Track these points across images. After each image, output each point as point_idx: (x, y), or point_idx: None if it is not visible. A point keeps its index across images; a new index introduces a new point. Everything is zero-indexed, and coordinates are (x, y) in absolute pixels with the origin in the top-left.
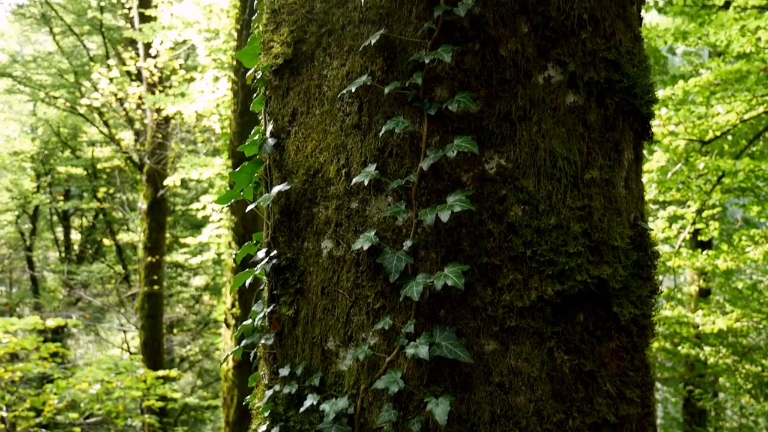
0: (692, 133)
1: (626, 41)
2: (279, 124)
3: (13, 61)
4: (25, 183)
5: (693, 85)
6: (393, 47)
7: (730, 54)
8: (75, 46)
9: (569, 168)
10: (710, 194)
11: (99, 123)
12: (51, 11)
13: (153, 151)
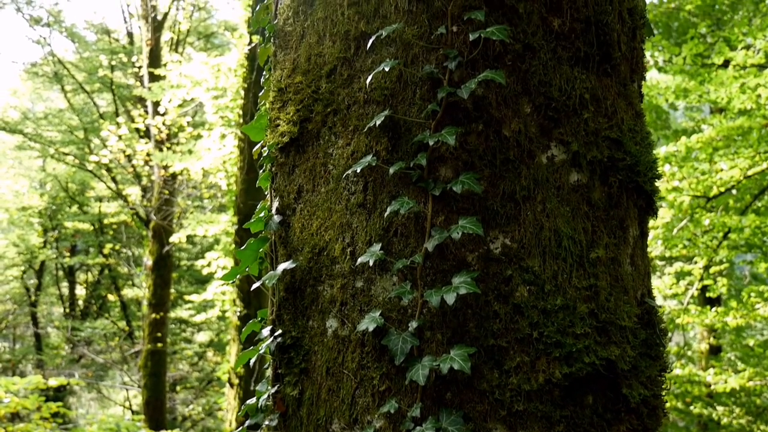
0: (696, 189)
1: (628, 119)
2: (285, 201)
3: (24, 118)
4: (32, 238)
5: (695, 141)
6: (397, 127)
7: (731, 111)
8: (85, 103)
9: (574, 247)
10: (717, 251)
11: (107, 179)
12: (63, 70)
13: (159, 207)
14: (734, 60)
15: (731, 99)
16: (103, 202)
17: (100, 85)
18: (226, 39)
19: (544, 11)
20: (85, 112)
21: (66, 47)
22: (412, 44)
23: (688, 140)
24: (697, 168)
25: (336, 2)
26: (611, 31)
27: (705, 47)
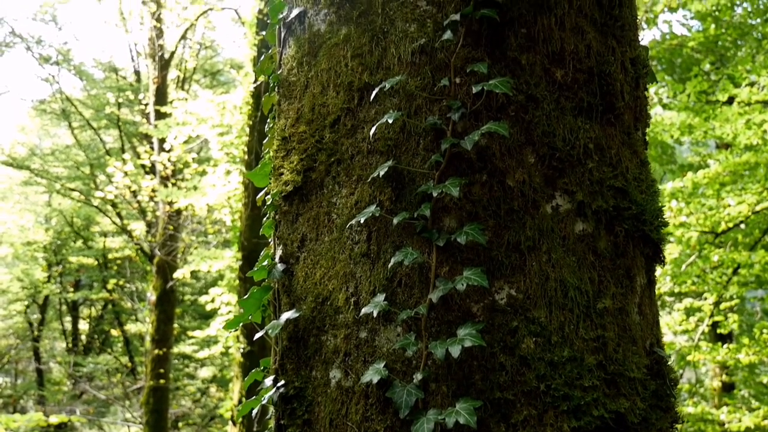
0: (704, 224)
1: (633, 168)
2: (288, 249)
3: (32, 154)
4: (36, 273)
5: (702, 176)
6: (401, 177)
7: (737, 146)
8: (92, 140)
9: (581, 298)
10: (727, 287)
11: (112, 214)
12: (71, 107)
13: (164, 242)
14: (739, 97)
15: (737, 135)
16: (107, 237)
17: (107, 122)
18: (232, 76)
19: (546, 62)
20: (91, 149)
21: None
22: (416, 95)
23: (695, 176)
24: (704, 204)
25: (339, 54)
26: (614, 81)
27: (709, 84)
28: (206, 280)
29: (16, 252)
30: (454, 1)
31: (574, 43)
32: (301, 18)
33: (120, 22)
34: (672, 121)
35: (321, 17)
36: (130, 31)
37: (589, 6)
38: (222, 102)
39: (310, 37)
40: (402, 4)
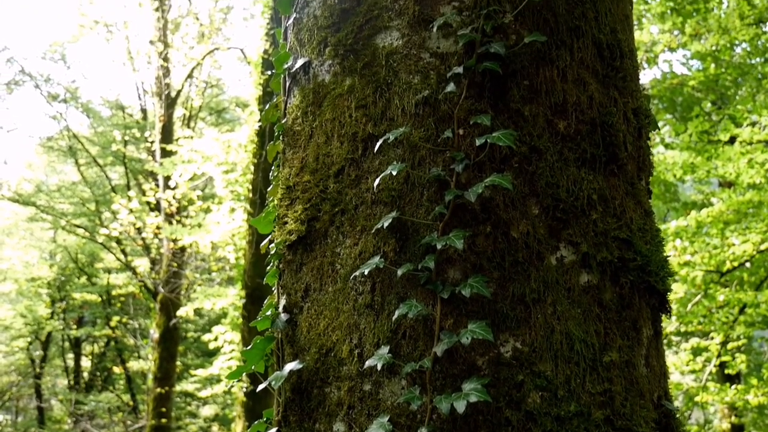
0: (709, 263)
1: (637, 218)
2: (292, 299)
3: (38, 191)
4: (39, 309)
5: (706, 215)
6: (405, 228)
7: (740, 185)
8: (98, 176)
9: (587, 351)
10: (733, 327)
11: (117, 251)
12: (78, 144)
13: (168, 279)
14: (740, 136)
15: (739, 174)
16: (111, 273)
17: (113, 159)
18: (237, 114)
19: (549, 114)
20: (97, 185)
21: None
22: (419, 146)
23: (698, 214)
24: (708, 243)
25: (344, 104)
26: (617, 132)
27: (711, 124)
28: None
29: (20, 288)
30: (457, 53)
31: (576, 94)
32: (306, 68)
33: (128, 61)
34: (674, 161)
35: (325, 68)
36: (137, 70)
37: (590, 58)
38: (227, 140)
39: (315, 87)
40: (405, 56)
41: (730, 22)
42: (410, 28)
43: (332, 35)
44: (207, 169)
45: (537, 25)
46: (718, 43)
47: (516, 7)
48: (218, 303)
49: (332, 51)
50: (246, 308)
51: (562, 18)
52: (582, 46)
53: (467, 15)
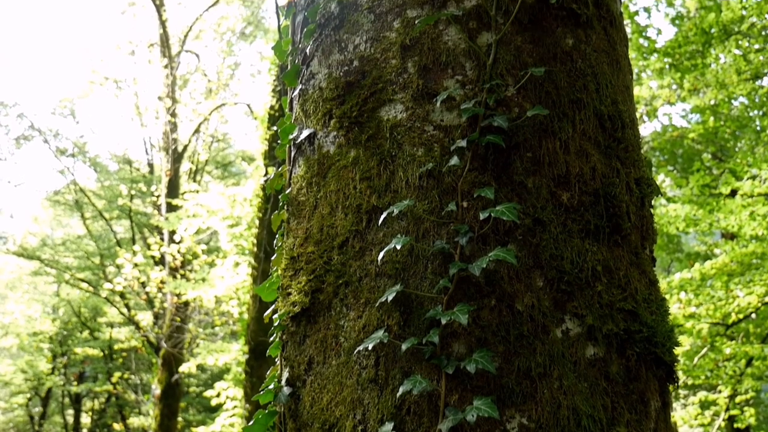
0: (714, 315)
1: (642, 288)
2: (295, 371)
3: (43, 245)
4: (40, 364)
5: (710, 267)
6: (409, 301)
7: (742, 237)
8: (104, 230)
9: (594, 426)
10: (741, 380)
11: (120, 305)
12: (84, 198)
13: (171, 334)
14: (741, 189)
15: (742, 226)
16: (114, 327)
17: (119, 213)
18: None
19: (552, 185)
20: (102, 239)
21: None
22: (423, 219)
23: (702, 266)
24: (713, 295)
25: (348, 176)
26: (620, 203)
27: (712, 178)
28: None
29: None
30: (460, 126)
31: (579, 165)
32: (311, 139)
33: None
34: (677, 213)
35: (330, 139)
36: (145, 125)
37: (592, 129)
38: (232, 195)
39: (320, 158)
40: (409, 128)
41: (728, 78)
42: (414, 102)
43: (337, 107)
44: (212, 223)
45: (539, 98)
46: (717, 97)
47: (518, 80)
48: (221, 358)
49: (337, 123)
50: (249, 364)
51: (564, 91)
52: (584, 118)
53: (470, 88)
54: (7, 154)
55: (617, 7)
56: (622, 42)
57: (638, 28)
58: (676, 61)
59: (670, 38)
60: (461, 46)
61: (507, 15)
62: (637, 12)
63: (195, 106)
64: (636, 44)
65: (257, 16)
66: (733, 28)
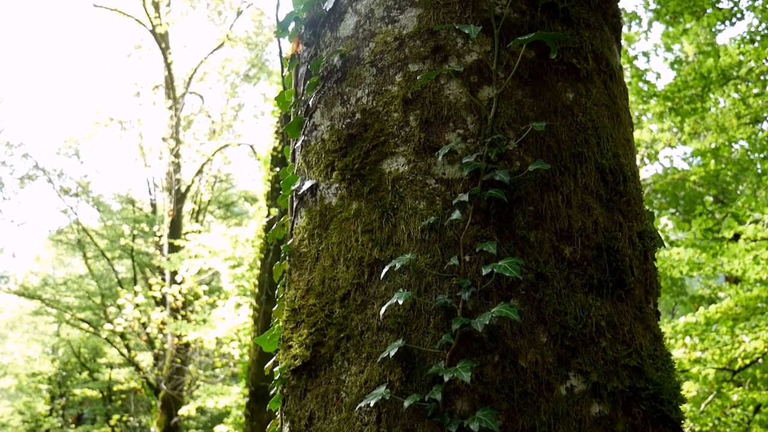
0: (720, 361)
1: (647, 344)
2: (296, 426)
3: (44, 284)
4: (38, 406)
5: (714, 311)
6: (411, 357)
7: (746, 281)
8: (105, 269)
9: None
10: (749, 427)
11: (120, 346)
12: (87, 237)
13: (171, 376)
14: (744, 233)
15: (746, 270)
16: (114, 368)
17: (121, 252)
18: (246, 208)
19: (555, 239)
20: (103, 279)
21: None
22: (426, 273)
23: (707, 310)
24: (719, 340)
25: (350, 228)
26: (623, 257)
27: (714, 222)
28: (212, 414)
29: (20, 383)
30: (462, 180)
31: (581, 219)
32: (313, 191)
33: (140, 157)
34: (680, 257)
35: (332, 191)
36: (149, 166)
37: (594, 183)
38: (235, 235)
39: (322, 209)
40: (411, 181)
41: (728, 122)
42: (416, 155)
43: (339, 159)
44: (214, 264)
45: (540, 152)
46: (717, 141)
47: (520, 134)
48: (221, 401)
49: (339, 175)
50: (249, 407)
51: (565, 144)
52: (585, 172)
53: (472, 142)
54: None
55: (617, 60)
56: (622, 95)
57: (637, 73)
58: (676, 105)
59: (670, 82)
60: (463, 100)
61: (508, 70)
62: (636, 56)
63: (198, 147)
64: (636, 88)
65: (261, 58)
66: (731, 72)
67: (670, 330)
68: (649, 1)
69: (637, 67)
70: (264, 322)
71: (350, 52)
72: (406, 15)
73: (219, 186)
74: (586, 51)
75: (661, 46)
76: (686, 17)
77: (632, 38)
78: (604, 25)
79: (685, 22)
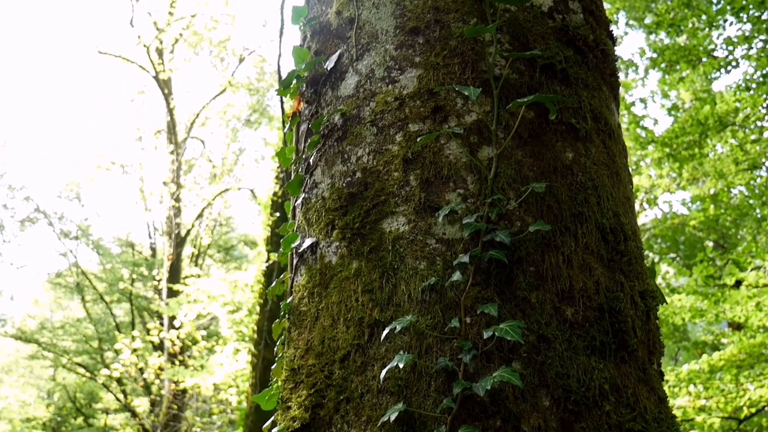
0: (725, 409)
1: (651, 406)
2: None
3: (41, 328)
4: None
5: (718, 358)
6: (412, 420)
7: (750, 328)
8: (104, 313)
9: None
10: None
11: (116, 391)
12: (85, 280)
13: (167, 422)
14: (746, 280)
15: (749, 317)
16: (109, 414)
17: (120, 296)
18: (245, 252)
19: (556, 300)
20: (101, 322)
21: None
22: (426, 334)
23: (711, 357)
24: (723, 388)
25: (350, 288)
26: (625, 318)
27: (715, 269)
28: None
29: (14, 429)
30: (462, 240)
31: (582, 280)
32: (314, 249)
33: (141, 200)
34: (682, 304)
35: (333, 249)
36: (149, 209)
37: (595, 243)
38: (234, 280)
39: (322, 268)
40: (412, 241)
41: (726, 167)
42: (416, 214)
43: (340, 218)
44: (213, 309)
45: (541, 212)
46: (716, 186)
47: (520, 194)
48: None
49: (339, 234)
50: None
51: (565, 204)
52: (586, 232)
53: (472, 202)
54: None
55: (615, 119)
56: (621, 153)
57: (635, 119)
58: (674, 151)
59: (668, 128)
60: (463, 160)
61: (507, 130)
62: (634, 103)
63: (199, 191)
64: (634, 134)
65: (262, 103)
66: (728, 119)
67: (673, 378)
68: (645, 50)
69: (634, 114)
70: (263, 368)
71: (351, 111)
72: (406, 75)
73: (219, 230)
74: (584, 110)
75: (658, 92)
76: (682, 66)
77: (629, 85)
78: (602, 84)
79: (681, 70)
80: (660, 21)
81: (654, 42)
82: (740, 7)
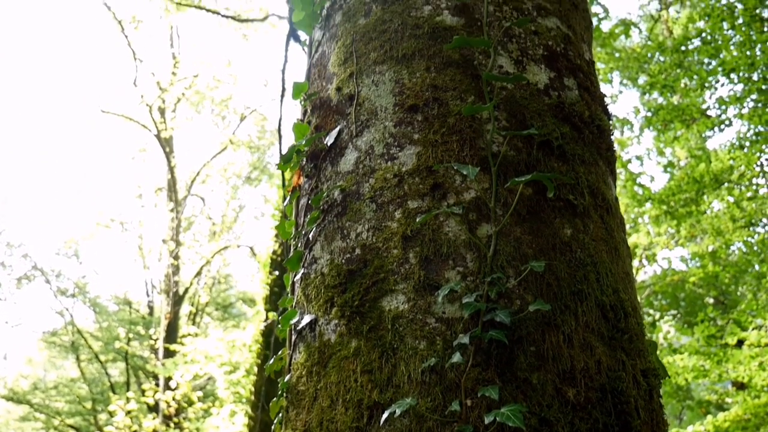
0: None
1: None
2: None
3: (34, 388)
4: None
5: (723, 419)
6: None
7: (753, 388)
8: (98, 373)
9: None
10: None
11: None
12: (81, 339)
13: None
14: (748, 339)
15: (752, 377)
16: None
17: (115, 355)
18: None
19: (557, 381)
20: (96, 383)
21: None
22: (426, 417)
23: (715, 419)
24: None
25: (349, 368)
26: (628, 398)
27: (717, 329)
28: None
29: None
30: (462, 319)
31: (584, 359)
32: (312, 326)
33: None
34: (685, 364)
35: (331, 327)
36: (148, 267)
37: (595, 321)
38: (231, 340)
39: (320, 346)
40: (411, 320)
41: (723, 225)
42: (416, 293)
43: (339, 295)
44: (210, 369)
45: (540, 290)
46: (714, 243)
47: (519, 272)
48: None
49: (339, 311)
50: None
51: (565, 282)
52: (586, 310)
53: (471, 280)
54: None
55: (612, 194)
56: (619, 228)
57: (632, 176)
58: (671, 209)
59: (664, 186)
60: (462, 238)
61: (506, 207)
62: (630, 160)
63: (198, 249)
64: (631, 192)
65: (263, 161)
66: (723, 177)
67: None
68: (639, 109)
69: (631, 171)
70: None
71: (350, 187)
72: (405, 152)
73: (217, 287)
74: (582, 187)
75: (654, 150)
76: (676, 125)
77: (625, 143)
78: (598, 159)
79: (675, 129)
80: (653, 82)
81: (648, 101)
82: (731, 68)
